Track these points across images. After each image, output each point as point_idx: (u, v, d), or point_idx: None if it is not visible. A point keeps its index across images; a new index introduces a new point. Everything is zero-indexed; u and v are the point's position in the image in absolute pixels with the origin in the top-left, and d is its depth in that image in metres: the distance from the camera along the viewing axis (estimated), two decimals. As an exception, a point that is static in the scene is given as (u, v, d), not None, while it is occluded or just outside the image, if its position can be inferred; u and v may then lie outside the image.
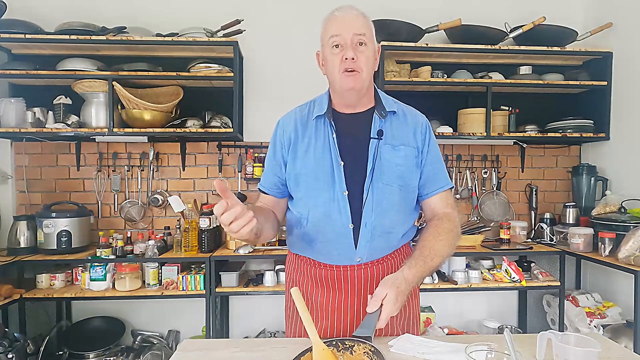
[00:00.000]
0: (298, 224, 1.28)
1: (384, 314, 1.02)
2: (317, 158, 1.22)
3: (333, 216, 1.21)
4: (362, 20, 1.18)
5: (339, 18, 1.17)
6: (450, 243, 1.20)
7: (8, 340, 2.16)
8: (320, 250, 1.25)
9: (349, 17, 1.17)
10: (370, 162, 1.20)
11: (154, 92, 2.70)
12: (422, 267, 1.13)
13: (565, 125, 2.79)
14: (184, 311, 2.90)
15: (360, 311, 1.24)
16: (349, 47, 1.15)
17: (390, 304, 1.02)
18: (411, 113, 1.30)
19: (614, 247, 2.38)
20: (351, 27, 1.15)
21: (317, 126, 1.25)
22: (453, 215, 1.27)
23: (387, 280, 1.07)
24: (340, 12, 1.18)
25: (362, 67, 1.16)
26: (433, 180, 1.28)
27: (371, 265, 1.25)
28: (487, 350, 0.89)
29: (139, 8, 2.81)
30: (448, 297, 2.99)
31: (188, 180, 2.94)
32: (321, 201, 1.22)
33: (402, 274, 1.09)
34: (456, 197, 3.01)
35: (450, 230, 1.21)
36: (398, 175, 1.22)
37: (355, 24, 1.16)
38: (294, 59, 2.86)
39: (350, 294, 1.25)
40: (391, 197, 1.22)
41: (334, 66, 1.17)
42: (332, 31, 1.16)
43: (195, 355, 1.09)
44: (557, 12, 2.89)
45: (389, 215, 1.22)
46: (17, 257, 2.45)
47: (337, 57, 1.16)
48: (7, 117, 2.52)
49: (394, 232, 1.26)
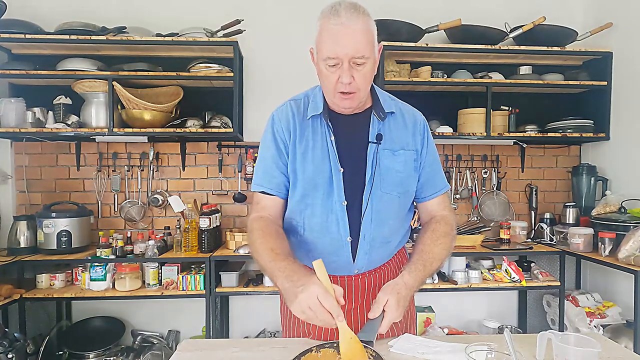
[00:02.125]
0: (294, 232, 1.23)
1: (387, 320, 1.01)
2: (315, 163, 1.16)
3: (331, 228, 1.17)
4: (363, 36, 1.04)
5: (335, 34, 1.03)
6: (448, 246, 1.20)
7: (8, 340, 2.16)
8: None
9: (348, 33, 1.02)
10: (369, 168, 1.16)
11: (154, 92, 2.70)
12: (422, 271, 1.12)
13: (565, 125, 2.79)
14: (184, 311, 2.90)
15: (359, 318, 1.23)
16: (345, 70, 1.04)
17: (392, 310, 1.01)
18: (409, 112, 1.26)
19: (614, 247, 2.37)
20: (349, 49, 1.02)
21: (314, 126, 1.18)
22: (450, 218, 1.26)
23: (388, 286, 1.06)
24: (338, 24, 1.02)
25: (359, 86, 1.08)
26: (431, 183, 1.26)
27: (369, 274, 1.24)
28: (487, 350, 0.89)
29: (139, 8, 2.81)
30: (448, 297, 2.98)
31: (188, 180, 2.94)
32: (318, 211, 1.17)
33: (402, 279, 1.08)
34: (456, 197, 3.01)
35: (448, 234, 1.21)
36: (398, 182, 1.19)
37: (355, 45, 1.03)
38: (294, 58, 2.84)
39: (348, 301, 1.23)
40: (390, 205, 1.19)
41: (329, 83, 1.09)
42: (327, 52, 1.04)
43: (195, 355, 1.09)
44: (557, 12, 2.89)
45: (387, 224, 1.20)
46: (17, 257, 2.45)
47: (333, 76, 1.07)
48: (7, 117, 2.52)
49: (392, 240, 1.25)
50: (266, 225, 1.15)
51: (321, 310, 0.91)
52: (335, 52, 1.03)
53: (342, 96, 1.10)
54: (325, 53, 1.05)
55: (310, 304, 0.91)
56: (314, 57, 1.14)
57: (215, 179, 2.94)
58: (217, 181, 2.95)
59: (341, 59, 1.04)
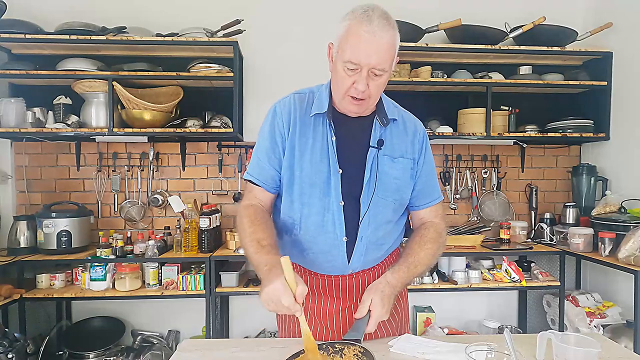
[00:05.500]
0: (289, 231, 1.23)
1: (373, 318, 1.06)
2: (314, 162, 1.16)
3: (327, 227, 1.17)
4: (389, 50, 1.05)
5: (364, 41, 1.03)
6: (434, 252, 1.22)
7: (8, 340, 2.16)
8: (313, 261, 1.23)
9: (376, 43, 1.03)
10: (368, 172, 1.17)
11: (154, 92, 2.70)
12: (405, 273, 1.16)
13: (565, 125, 2.78)
14: (184, 311, 2.90)
15: (352, 317, 1.23)
16: (363, 78, 1.06)
17: (377, 308, 1.06)
18: (410, 120, 1.27)
19: (614, 247, 2.37)
20: (373, 59, 1.04)
21: (316, 124, 1.19)
22: (440, 226, 1.28)
23: (372, 286, 1.12)
24: (370, 32, 1.02)
25: (371, 94, 1.10)
26: (425, 193, 1.28)
27: (362, 274, 1.25)
28: (487, 350, 0.89)
29: (139, 8, 2.81)
30: (448, 297, 2.98)
31: (188, 180, 2.94)
32: (315, 210, 1.18)
33: (385, 279, 1.13)
34: (456, 197, 3.01)
35: (435, 240, 1.23)
36: (394, 189, 1.20)
37: (379, 56, 1.04)
38: (294, 59, 2.86)
39: (342, 300, 1.25)
40: (386, 210, 1.21)
41: (343, 84, 1.09)
42: (351, 55, 1.04)
43: (195, 355, 1.09)
44: (557, 12, 2.88)
45: (382, 228, 1.22)
46: (17, 257, 2.45)
47: (348, 80, 1.08)
48: (7, 117, 2.52)
49: (385, 243, 1.26)
50: (255, 213, 1.18)
51: (280, 306, 0.96)
52: (358, 59, 1.04)
53: (352, 101, 1.11)
54: (348, 56, 1.05)
55: (272, 297, 0.98)
56: (331, 51, 1.14)
57: (215, 179, 2.94)
58: (217, 181, 2.95)
59: (362, 67, 1.05)
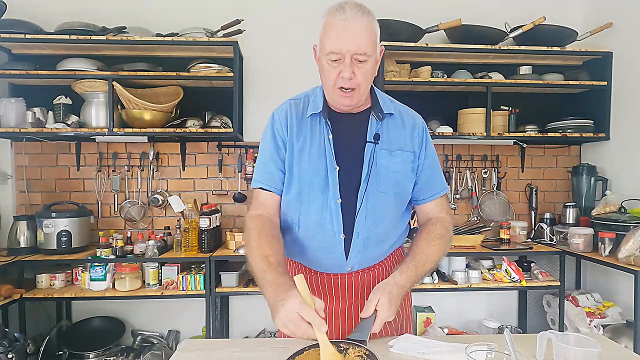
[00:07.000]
0: (289, 229, 1.24)
1: (379, 319, 1.03)
2: (312, 161, 1.18)
3: (325, 225, 1.18)
4: (366, 34, 1.06)
5: (340, 29, 1.05)
6: (442, 248, 1.20)
7: (8, 340, 2.16)
8: (312, 259, 1.23)
9: (351, 29, 1.05)
10: (366, 167, 1.17)
11: (154, 92, 2.70)
12: (413, 272, 1.13)
13: (565, 125, 2.78)
14: (184, 311, 2.90)
15: (353, 317, 1.23)
16: (347, 66, 1.07)
17: (384, 310, 1.03)
18: (408, 114, 1.26)
19: (614, 247, 2.37)
20: (352, 45, 1.05)
21: (312, 125, 1.20)
22: (447, 220, 1.26)
23: (379, 286, 1.09)
24: (343, 19, 1.05)
25: (359, 83, 1.10)
26: (429, 186, 1.26)
27: (362, 272, 1.24)
28: (487, 350, 0.89)
29: (139, 8, 2.81)
30: (448, 297, 2.99)
31: (188, 180, 2.94)
32: (313, 208, 1.18)
33: (393, 279, 1.10)
34: (456, 197, 3.02)
35: (443, 236, 1.21)
36: (394, 182, 1.20)
37: (358, 41, 1.05)
38: (294, 58, 2.85)
39: (342, 300, 1.24)
40: (386, 205, 1.20)
41: (330, 78, 1.11)
42: (331, 46, 1.06)
43: (195, 355, 1.09)
44: (557, 12, 2.88)
45: (382, 224, 1.21)
46: (17, 257, 2.45)
47: (334, 72, 1.09)
48: (7, 117, 2.52)
49: (387, 240, 1.25)
50: (262, 225, 1.15)
51: (300, 322, 0.92)
52: (338, 47, 1.06)
53: (341, 93, 1.12)
54: (329, 47, 1.07)
55: (290, 317, 0.93)
56: (316, 54, 1.16)
57: (215, 179, 2.94)
58: (217, 181, 2.95)
59: (343, 54, 1.06)
